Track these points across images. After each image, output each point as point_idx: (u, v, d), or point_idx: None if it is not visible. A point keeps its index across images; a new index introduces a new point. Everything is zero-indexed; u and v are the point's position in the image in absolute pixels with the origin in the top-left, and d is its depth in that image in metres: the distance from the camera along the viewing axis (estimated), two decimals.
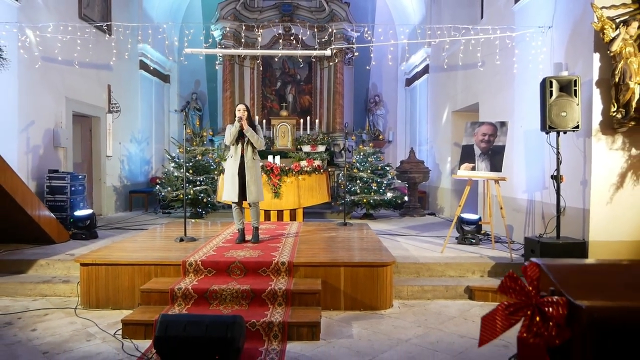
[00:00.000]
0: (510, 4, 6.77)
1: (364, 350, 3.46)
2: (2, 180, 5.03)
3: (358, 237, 5.99)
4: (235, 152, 5.17)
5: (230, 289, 4.00)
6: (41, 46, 7.10)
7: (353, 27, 10.90)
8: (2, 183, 5.05)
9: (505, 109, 6.87)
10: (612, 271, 1.07)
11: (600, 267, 1.07)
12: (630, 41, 4.58)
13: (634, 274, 1.05)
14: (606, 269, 1.10)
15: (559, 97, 4.67)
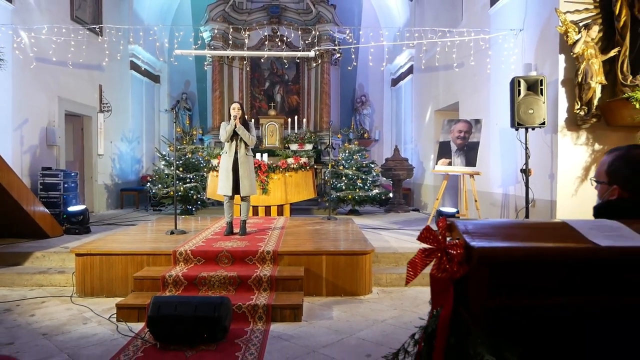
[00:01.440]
0: (486, 7, 7.10)
1: (342, 329, 3.74)
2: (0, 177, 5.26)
3: (341, 230, 6.28)
4: (230, 148, 5.43)
5: (218, 275, 4.26)
6: (34, 47, 7.31)
7: (339, 29, 11.20)
8: (0, 179, 5.27)
9: (482, 108, 7.20)
10: (516, 226, 1.37)
11: (506, 223, 1.36)
12: (592, 44, 4.91)
13: (533, 226, 1.35)
14: (512, 224, 1.40)
15: (526, 96, 5.00)
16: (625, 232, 1.29)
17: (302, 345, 3.42)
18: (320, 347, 3.38)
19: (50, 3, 7.89)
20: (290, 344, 3.44)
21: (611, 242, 1.20)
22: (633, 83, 4.75)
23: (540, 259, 1.13)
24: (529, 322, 1.10)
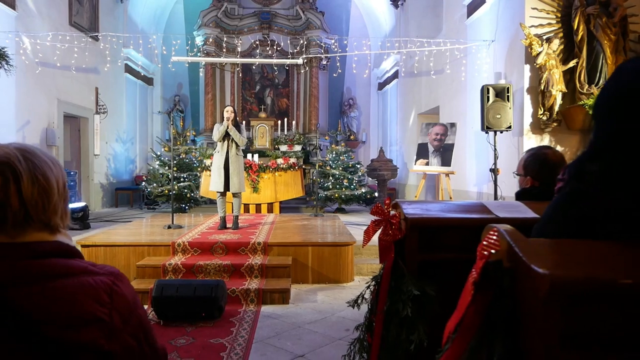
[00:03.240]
0: (463, 18, 7.62)
1: (325, 310, 4.20)
2: None
3: (327, 225, 6.73)
4: (222, 148, 5.86)
5: (214, 264, 4.70)
6: (36, 51, 7.68)
7: (327, 35, 11.68)
8: None
9: (459, 112, 7.71)
10: (444, 204, 1.84)
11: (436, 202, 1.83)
12: (553, 55, 5.43)
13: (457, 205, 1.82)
14: (441, 203, 1.87)
15: (494, 102, 5.50)
16: (522, 209, 1.77)
17: (290, 323, 3.87)
18: (305, 324, 3.84)
19: (50, 9, 8.27)
20: (279, 322, 3.89)
21: (508, 215, 1.68)
22: (588, 91, 5.28)
23: (452, 225, 1.61)
24: (444, 269, 1.57)
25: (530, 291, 0.77)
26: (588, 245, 0.87)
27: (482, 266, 0.83)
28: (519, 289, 0.81)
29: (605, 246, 0.85)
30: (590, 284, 0.75)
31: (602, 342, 0.76)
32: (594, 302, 0.76)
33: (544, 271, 0.74)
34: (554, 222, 0.98)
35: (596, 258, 0.82)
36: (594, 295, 0.76)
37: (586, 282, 0.75)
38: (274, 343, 3.44)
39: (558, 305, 0.74)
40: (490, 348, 0.78)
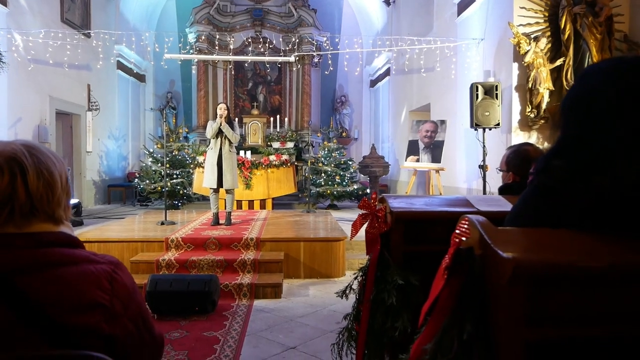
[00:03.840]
0: (454, 17, 7.70)
1: (316, 303, 4.28)
2: None
3: (319, 221, 6.81)
4: (215, 144, 5.91)
5: (207, 259, 4.76)
6: (28, 48, 7.67)
7: (319, 32, 11.73)
8: None
9: (450, 109, 7.80)
10: (428, 198, 1.92)
11: (422, 197, 1.91)
12: (541, 54, 5.53)
13: (441, 199, 1.90)
14: (426, 197, 1.94)
15: (483, 100, 5.59)
16: (502, 202, 1.85)
17: (282, 316, 3.94)
18: (297, 317, 3.91)
19: (42, 6, 8.26)
20: (271, 315, 3.97)
21: (489, 208, 1.76)
22: None
23: (436, 218, 1.69)
24: (427, 260, 1.65)
25: (497, 275, 0.84)
26: (551, 234, 0.95)
27: (454, 252, 0.91)
28: (488, 273, 0.88)
29: (567, 234, 0.93)
30: (551, 267, 0.83)
31: (562, 321, 0.84)
32: (555, 284, 0.84)
33: (508, 255, 0.81)
34: (522, 213, 1.06)
35: (558, 245, 0.90)
36: (555, 277, 0.84)
37: (547, 265, 0.83)
38: (266, 336, 3.51)
39: (521, 287, 0.82)
40: (461, 327, 0.86)
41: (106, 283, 1.04)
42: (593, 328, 0.84)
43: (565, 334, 0.85)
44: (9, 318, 0.92)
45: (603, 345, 0.85)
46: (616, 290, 0.84)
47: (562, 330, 0.84)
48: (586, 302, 0.84)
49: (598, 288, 0.84)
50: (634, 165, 0.90)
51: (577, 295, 0.84)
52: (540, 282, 0.83)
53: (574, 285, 0.84)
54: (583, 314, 0.84)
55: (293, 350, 3.25)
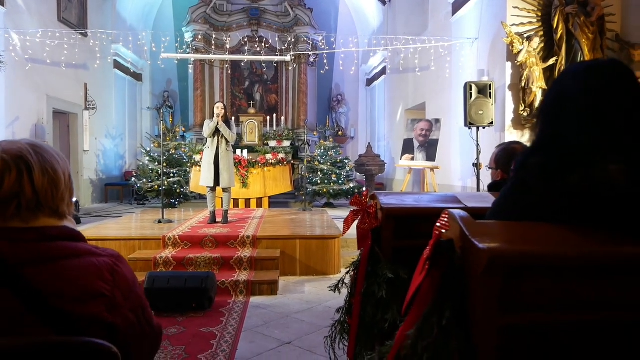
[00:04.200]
0: (449, 16, 7.77)
1: (312, 300, 4.34)
2: None
3: (315, 219, 6.87)
4: (212, 143, 5.97)
5: (204, 257, 4.82)
6: (25, 47, 7.70)
7: (316, 31, 11.78)
8: None
9: (445, 108, 7.87)
10: (417, 195, 1.99)
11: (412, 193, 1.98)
12: (534, 53, 5.60)
13: (431, 196, 1.96)
14: (416, 194, 2.01)
15: (477, 99, 5.66)
16: (489, 199, 1.91)
17: (278, 312, 4.00)
18: (293, 314, 3.97)
19: (39, 5, 8.28)
20: (267, 312, 4.03)
21: (476, 204, 1.83)
22: None
23: (425, 214, 1.75)
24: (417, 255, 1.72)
25: (474, 264, 0.90)
26: (526, 227, 1.01)
27: (434, 243, 0.97)
28: (466, 263, 0.94)
29: (541, 227, 0.99)
30: (524, 257, 0.89)
31: (534, 308, 0.90)
32: (527, 273, 0.90)
33: (484, 246, 0.87)
34: (501, 208, 1.13)
35: (531, 237, 0.97)
36: (527, 267, 0.90)
37: (520, 256, 0.89)
38: (262, 331, 3.57)
39: (496, 276, 0.88)
40: (440, 314, 0.92)
41: (108, 275, 1.09)
42: (562, 315, 0.91)
43: (537, 320, 0.91)
44: (18, 307, 0.98)
45: (571, 330, 0.91)
46: (584, 280, 0.91)
47: (533, 316, 0.91)
48: (556, 290, 0.90)
49: (568, 278, 0.90)
50: (603, 163, 0.97)
51: (548, 284, 0.90)
52: (514, 272, 0.89)
53: (545, 275, 0.90)
54: (553, 302, 0.91)
55: (288, 345, 3.31)
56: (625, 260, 0.90)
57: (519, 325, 0.90)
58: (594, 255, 0.90)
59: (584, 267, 0.90)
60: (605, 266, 0.91)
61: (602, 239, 0.94)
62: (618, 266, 0.91)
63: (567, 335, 0.91)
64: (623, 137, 0.99)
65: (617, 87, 1.04)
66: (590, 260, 0.90)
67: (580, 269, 0.90)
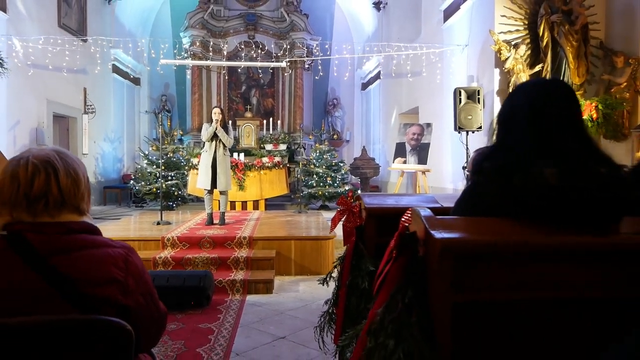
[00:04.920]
0: (440, 23, 7.97)
1: (306, 298, 4.52)
2: None
3: (310, 221, 7.05)
4: (210, 147, 6.14)
5: (202, 257, 4.98)
6: (26, 53, 7.86)
7: (311, 36, 11.98)
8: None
9: (436, 113, 8.07)
10: (398, 196, 2.17)
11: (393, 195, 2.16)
12: (521, 60, 5.80)
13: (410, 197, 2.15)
14: (397, 195, 2.19)
15: (466, 104, 5.86)
16: None
17: (273, 309, 4.17)
18: (287, 310, 4.15)
19: (40, 11, 8.45)
20: (263, 309, 4.20)
21: (450, 204, 2.01)
22: None
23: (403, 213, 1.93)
24: None
25: (432, 251, 1.08)
26: (477, 220, 1.19)
27: (398, 235, 1.15)
28: (427, 251, 1.12)
29: (490, 221, 1.17)
30: (472, 245, 1.07)
31: (481, 288, 1.08)
32: (475, 258, 1.08)
33: (439, 236, 1.06)
34: (461, 205, 1.31)
35: (481, 229, 1.15)
36: (475, 253, 1.08)
37: (468, 244, 1.07)
38: (258, 327, 3.74)
39: (449, 260, 1.06)
40: (404, 293, 1.10)
41: (121, 263, 1.27)
42: (505, 294, 1.08)
43: (483, 298, 1.09)
44: (47, 289, 1.16)
45: (512, 307, 1.09)
46: (523, 264, 1.09)
47: (481, 295, 1.09)
48: (500, 273, 1.08)
49: (509, 262, 1.09)
50: (540, 167, 1.15)
51: (493, 268, 1.09)
52: (464, 257, 1.07)
53: (490, 260, 1.08)
54: (497, 283, 1.09)
55: (283, 340, 3.48)
56: (554, 247, 1.08)
57: (468, 303, 1.08)
58: (530, 244, 1.09)
59: (523, 253, 1.09)
60: (540, 252, 1.09)
61: (537, 231, 1.12)
62: (549, 252, 1.09)
63: (509, 311, 1.09)
64: (557, 145, 1.18)
65: (555, 103, 1.23)
66: (527, 248, 1.08)
67: (519, 255, 1.09)
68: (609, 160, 1.19)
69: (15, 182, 1.20)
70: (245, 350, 3.27)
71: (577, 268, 1.09)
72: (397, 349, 1.03)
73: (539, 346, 1.11)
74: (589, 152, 1.20)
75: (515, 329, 1.10)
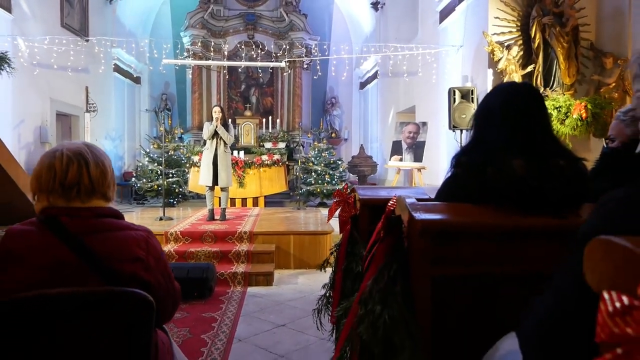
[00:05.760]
0: (436, 24, 8.14)
1: (304, 290, 4.69)
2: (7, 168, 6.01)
3: (309, 217, 7.22)
4: (211, 145, 6.31)
5: (204, 250, 5.16)
6: (30, 53, 8.02)
7: (310, 36, 12.15)
8: (7, 170, 6.03)
9: (432, 111, 8.24)
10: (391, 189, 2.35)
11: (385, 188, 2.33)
12: (513, 61, 5.98)
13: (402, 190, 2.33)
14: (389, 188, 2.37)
15: (460, 103, 6.03)
16: None
17: (273, 300, 4.35)
18: (286, 301, 4.33)
19: (43, 12, 8.60)
20: (263, 299, 4.38)
21: None
22: (544, 94, 5.83)
23: None
24: None
25: (413, 231, 1.26)
26: (454, 205, 1.37)
27: (385, 218, 1.33)
28: (409, 232, 1.30)
29: (465, 206, 1.35)
30: (447, 225, 1.25)
31: (456, 262, 1.26)
32: (451, 236, 1.26)
33: (419, 218, 1.23)
34: (441, 193, 1.49)
35: (456, 212, 1.32)
36: (450, 232, 1.26)
37: (444, 224, 1.25)
38: (258, 316, 3.92)
39: (428, 238, 1.24)
40: (390, 267, 1.28)
41: (143, 244, 1.45)
42: (476, 268, 1.26)
43: (457, 272, 1.27)
44: (81, 265, 1.33)
45: (482, 279, 1.27)
46: (491, 242, 1.27)
47: (455, 269, 1.27)
48: (472, 250, 1.26)
49: (480, 240, 1.26)
50: (510, 160, 1.33)
51: (466, 245, 1.26)
52: (441, 236, 1.25)
53: (463, 238, 1.26)
54: (470, 258, 1.26)
55: (282, 327, 3.66)
56: (519, 228, 1.26)
57: (444, 275, 1.26)
58: (498, 225, 1.27)
59: (492, 233, 1.27)
60: (507, 233, 1.27)
61: (506, 214, 1.29)
62: (515, 232, 1.27)
63: (479, 282, 1.27)
64: (525, 141, 1.35)
65: (524, 104, 1.41)
66: (496, 229, 1.26)
67: (489, 234, 1.27)
68: (569, 153, 1.38)
69: (51, 171, 1.37)
70: (247, 337, 3.45)
71: (538, 246, 1.27)
72: (383, 313, 1.21)
73: (505, 313, 1.28)
74: (552, 146, 1.38)
75: (484, 297, 1.28)
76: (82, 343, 1.31)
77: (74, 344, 1.30)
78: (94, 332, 1.31)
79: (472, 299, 1.28)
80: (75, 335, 1.30)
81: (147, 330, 1.38)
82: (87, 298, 1.30)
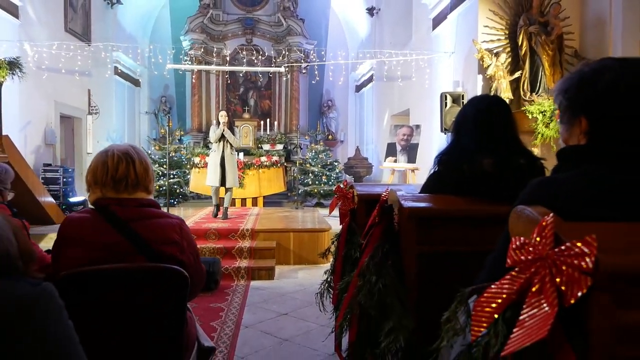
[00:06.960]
0: (429, 31, 8.46)
1: (304, 283, 4.98)
2: (17, 168, 6.27)
3: (307, 216, 7.51)
4: (218, 147, 6.59)
5: (209, 247, 5.44)
6: (37, 57, 8.28)
7: (307, 40, 12.45)
8: (17, 170, 6.29)
9: (425, 115, 8.55)
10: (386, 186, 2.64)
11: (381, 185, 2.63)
12: (501, 67, 6.29)
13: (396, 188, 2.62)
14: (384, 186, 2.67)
15: (451, 107, 6.34)
16: None
17: (275, 292, 4.64)
18: (288, 293, 4.61)
19: (48, 17, 8.86)
20: (266, 292, 4.66)
21: None
22: (530, 99, 6.16)
23: None
24: None
25: (402, 216, 1.55)
26: (435, 196, 1.67)
27: (379, 206, 1.62)
28: (399, 217, 1.59)
29: (444, 197, 1.65)
30: (430, 211, 1.55)
31: (438, 242, 1.56)
32: (434, 221, 1.55)
33: (407, 205, 1.53)
34: (425, 187, 1.79)
35: (439, 202, 1.62)
36: (433, 217, 1.55)
37: (427, 210, 1.55)
38: (262, 306, 4.21)
39: (415, 224, 1.53)
40: (383, 245, 1.57)
41: (178, 229, 1.74)
42: (455, 247, 1.56)
43: (439, 250, 1.57)
44: (130, 247, 1.62)
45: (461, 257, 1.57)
46: (467, 226, 1.56)
47: (437, 248, 1.56)
48: (451, 232, 1.56)
49: (457, 224, 1.56)
50: (481, 159, 1.63)
51: (446, 228, 1.56)
52: (425, 220, 1.54)
53: (444, 222, 1.56)
54: (449, 239, 1.56)
55: (285, 316, 3.95)
56: (488, 215, 1.56)
57: (428, 253, 1.56)
58: (472, 211, 1.56)
59: (467, 218, 1.56)
60: (479, 218, 1.57)
61: (478, 204, 1.59)
62: (486, 218, 1.57)
63: (455, 258, 1.57)
64: (493, 144, 1.66)
65: (495, 113, 1.71)
66: (470, 214, 1.56)
67: (465, 219, 1.56)
68: (529, 154, 1.68)
69: (104, 168, 1.66)
70: (253, 324, 3.73)
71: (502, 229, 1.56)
72: (378, 282, 1.50)
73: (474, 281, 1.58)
74: (515, 148, 1.68)
75: (458, 269, 1.57)
76: (132, 309, 1.59)
77: (125, 310, 1.59)
78: (142, 300, 1.59)
79: (449, 271, 1.57)
80: (126, 303, 1.59)
81: (183, 300, 1.68)
82: (136, 272, 1.59)
